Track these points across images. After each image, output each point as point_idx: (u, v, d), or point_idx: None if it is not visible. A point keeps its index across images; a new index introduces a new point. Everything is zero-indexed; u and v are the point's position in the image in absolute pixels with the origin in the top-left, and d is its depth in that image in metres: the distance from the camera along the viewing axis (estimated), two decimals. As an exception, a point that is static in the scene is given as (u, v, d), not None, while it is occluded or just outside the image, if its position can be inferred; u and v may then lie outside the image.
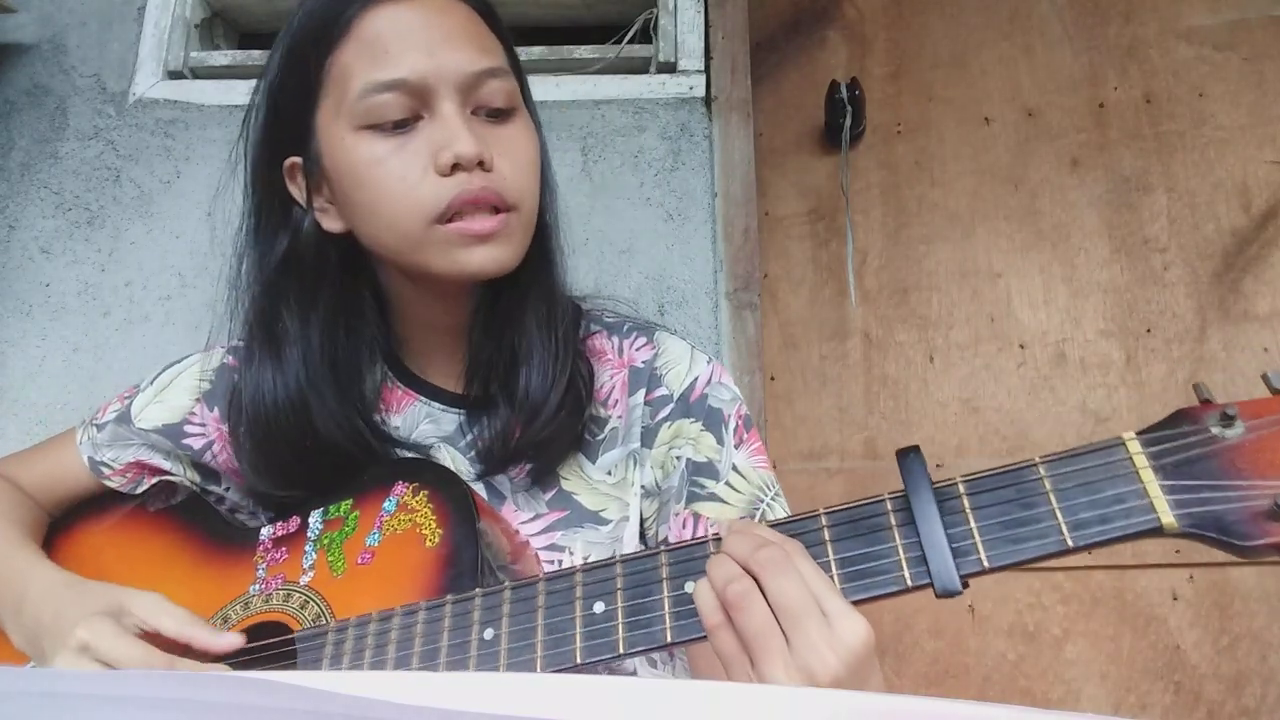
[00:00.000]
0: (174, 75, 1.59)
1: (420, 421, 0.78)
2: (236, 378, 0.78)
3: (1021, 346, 1.50)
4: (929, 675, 1.38)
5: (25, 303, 1.48)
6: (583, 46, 1.57)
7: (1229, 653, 1.35)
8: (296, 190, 0.73)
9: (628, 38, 1.58)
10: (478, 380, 0.77)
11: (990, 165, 1.59)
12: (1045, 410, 1.47)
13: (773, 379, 1.54)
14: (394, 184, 0.66)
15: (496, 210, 0.68)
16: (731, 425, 0.77)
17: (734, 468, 0.76)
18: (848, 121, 1.56)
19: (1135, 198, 1.54)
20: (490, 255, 0.68)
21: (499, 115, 0.70)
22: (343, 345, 0.74)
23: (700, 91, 1.52)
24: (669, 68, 1.55)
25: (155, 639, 0.63)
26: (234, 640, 0.64)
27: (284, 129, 0.72)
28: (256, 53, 1.59)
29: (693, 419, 0.77)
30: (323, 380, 0.72)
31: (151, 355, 1.43)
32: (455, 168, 0.66)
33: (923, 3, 1.68)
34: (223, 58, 1.60)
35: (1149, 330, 1.48)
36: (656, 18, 1.58)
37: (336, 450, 0.73)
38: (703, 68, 1.54)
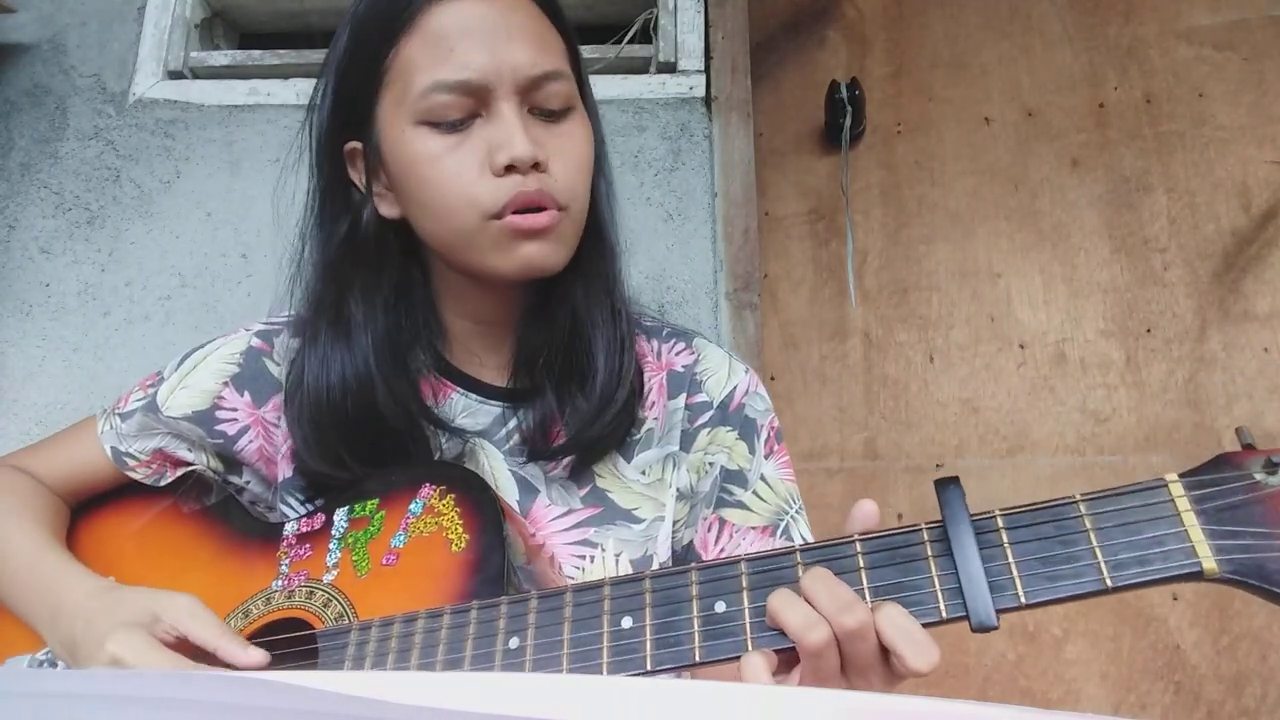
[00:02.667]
0: (174, 75, 1.59)
1: (457, 414, 0.78)
2: (294, 360, 0.77)
3: (1021, 346, 1.50)
4: (929, 675, 1.38)
5: (25, 303, 1.48)
6: (583, 46, 1.56)
7: (1229, 653, 1.35)
8: (356, 175, 0.75)
9: (628, 38, 1.58)
10: (524, 372, 0.77)
11: (990, 165, 1.59)
12: (1045, 410, 1.47)
13: (773, 379, 1.54)
14: (449, 181, 0.68)
15: (548, 209, 0.69)
16: (764, 435, 0.79)
17: (762, 478, 0.77)
18: (848, 121, 1.56)
19: (1135, 198, 1.54)
20: (541, 251, 0.69)
21: (555, 115, 0.71)
22: (405, 329, 0.75)
23: (700, 91, 1.52)
24: (669, 68, 1.55)
25: (185, 644, 0.63)
26: (260, 657, 0.64)
27: (347, 113, 0.73)
28: (256, 53, 1.59)
29: (729, 427, 0.79)
30: (387, 363, 0.73)
31: (152, 355, 1.43)
32: (509, 169, 0.67)
33: (923, 3, 1.68)
34: (223, 58, 1.60)
35: (1149, 330, 1.48)
36: (656, 18, 1.58)
37: (395, 433, 0.73)
38: (703, 68, 1.54)
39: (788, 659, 0.51)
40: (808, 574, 0.52)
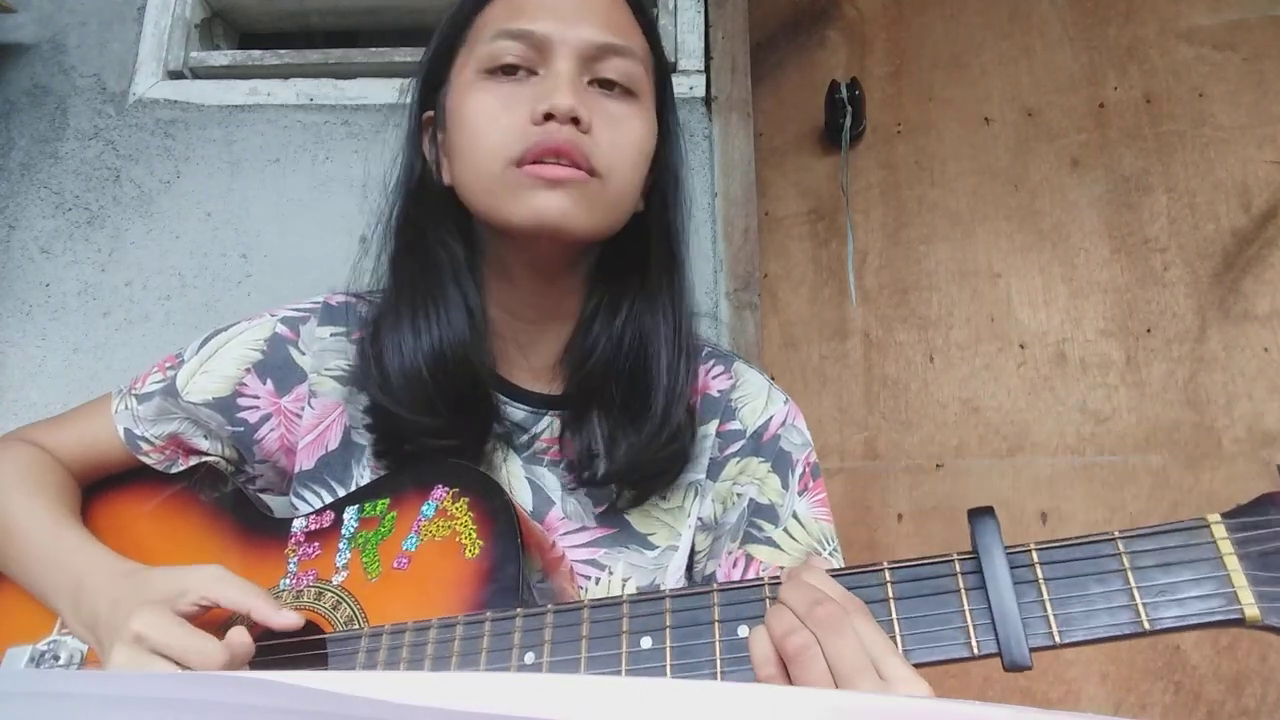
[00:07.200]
0: (174, 75, 1.59)
1: None
2: (377, 317, 0.76)
3: (1021, 346, 1.50)
4: (929, 675, 1.38)
5: (25, 303, 1.48)
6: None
7: (1229, 653, 1.35)
8: (427, 141, 0.76)
9: (628, 38, 1.58)
10: (571, 381, 0.75)
11: (990, 165, 1.59)
12: (1045, 410, 1.47)
13: (773, 379, 1.54)
14: (488, 126, 0.68)
15: (577, 166, 0.67)
16: (799, 471, 0.76)
17: (794, 515, 0.74)
18: (848, 121, 1.56)
19: (1135, 198, 1.54)
20: (557, 204, 0.66)
21: (615, 88, 0.71)
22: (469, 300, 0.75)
23: (700, 91, 1.52)
24: (669, 68, 1.55)
25: (211, 615, 0.62)
26: (293, 618, 0.62)
27: (429, 81, 0.76)
28: (256, 53, 1.59)
29: (762, 458, 0.76)
30: (478, 320, 0.73)
31: (152, 355, 1.42)
32: (549, 118, 0.66)
33: (923, 3, 1.68)
34: (222, 58, 1.60)
35: (1149, 330, 1.48)
36: (656, 18, 1.58)
37: (479, 387, 0.73)
38: (703, 68, 1.54)
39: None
40: (788, 581, 0.50)
